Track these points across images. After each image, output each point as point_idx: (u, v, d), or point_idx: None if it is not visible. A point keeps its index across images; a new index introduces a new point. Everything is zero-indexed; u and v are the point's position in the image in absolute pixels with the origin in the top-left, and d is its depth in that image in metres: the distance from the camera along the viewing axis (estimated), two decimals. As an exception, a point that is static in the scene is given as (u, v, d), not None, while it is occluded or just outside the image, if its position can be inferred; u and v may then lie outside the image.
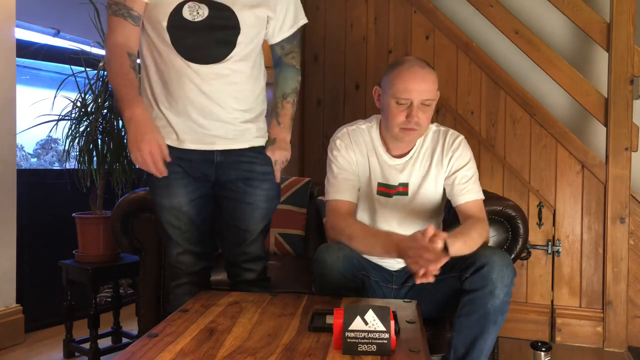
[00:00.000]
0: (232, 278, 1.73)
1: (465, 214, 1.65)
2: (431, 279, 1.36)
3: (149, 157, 1.41)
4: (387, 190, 1.71)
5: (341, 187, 1.68)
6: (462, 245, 1.46)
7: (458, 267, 1.52)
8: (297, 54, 1.70)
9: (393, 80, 1.57)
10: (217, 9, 1.48)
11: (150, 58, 1.54)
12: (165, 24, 1.47)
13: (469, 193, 1.65)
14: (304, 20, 1.67)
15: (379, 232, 1.62)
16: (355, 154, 1.71)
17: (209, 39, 1.49)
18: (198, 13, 1.47)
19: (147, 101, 1.56)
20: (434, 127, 1.73)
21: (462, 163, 1.67)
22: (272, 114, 1.67)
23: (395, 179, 1.70)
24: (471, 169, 1.68)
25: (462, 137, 1.72)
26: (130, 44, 1.49)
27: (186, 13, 1.47)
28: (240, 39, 1.51)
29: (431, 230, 1.39)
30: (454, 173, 1.67)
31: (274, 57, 1.71)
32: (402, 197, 1.70)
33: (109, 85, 2.38)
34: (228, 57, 1.51)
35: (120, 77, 1.46)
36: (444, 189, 1.72)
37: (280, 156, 1.64)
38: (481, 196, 1.67)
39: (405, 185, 1.70)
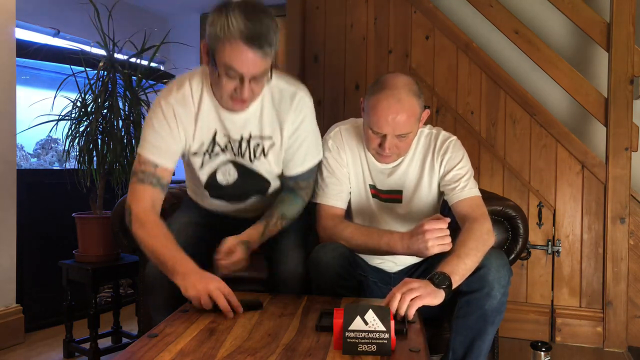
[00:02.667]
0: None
1: (460, 214, 1.60)
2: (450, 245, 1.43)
3: (217, 293, 1.29)
4: (377, 193, 1.69)
5: (330, 192, 1.67)
6: (462, 271, 1.38)
7: None
8: (311, 189, 1.67)
9: (369, 110, 1.52)
10: (245, 172, 1.61)
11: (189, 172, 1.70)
12: (203, 184, 1.64)
13: (461, 191, 1.61)
14: (317, 157, 1.65)
15: (380, 230, 1.61)
16: (347, 155, 1.68)
17: (244, 190, 1.65)
18: (230, 175, 1.60)
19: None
20: (426, 130, 1.70)
21: (454, 163, 1.63)
22: (262, 218, 1.60)
23: (384, 184, 1.68)
24: (463, 168, 1.63)
25: (453, 138, 1.67)
26: (157, 208, 1.52)
27: (219, 176, 1.62)
28: (271, 184, 1.67)
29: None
30: (446, 175, 1.64)
31: (286, 184, 1.67)
32: (396, 204, 1.68)
33: (109, 86, 2.39)
34: (265, 194, 1.69)
35: (159, 239, 1.43)
36: (440, 194, 1.70)
37: (236, 256, 1.48)
38: (476, 193, 1.62)
39: (399, 192, 1.68)
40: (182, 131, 1.52)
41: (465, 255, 1.41)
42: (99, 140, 2.37)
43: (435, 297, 1.30)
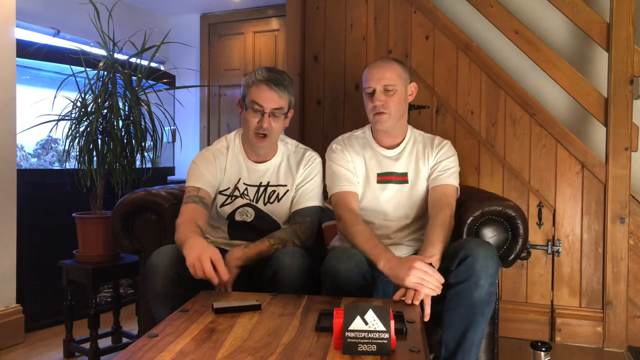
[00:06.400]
0: None
1: (431, 198, 1.82)
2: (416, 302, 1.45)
3: (206, 264, 1.47)
4: (386, 177, 1.89)
5: (342, 179, 1.85)
6: (438, 255, 1.60)
7: (446, 261, 1.58)
8: (305, 225, 1.82)
9: (362, 80, 1.87)
10: (260, 213, 1.86)
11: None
12: (225, 219, 1.88)
13: (440, 179, 1.83)
14: (316, 203, 1.86)
15: (378, 242, 1.66)
16: (351, 154, 1.91)
17: (258, 230, 1.83)
18: (248, 215, 1.86)
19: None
20: (424, 133, 1.98)
21: (445, 157, 1.88)
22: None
23: (392, 167, 1.89)
24: (452, 162, 1.87)
25: (449, 141, 1.95)
26: (198, 220, 1.72)
27: (237, 216, 1.86)
28: (281, 227, 1.87)
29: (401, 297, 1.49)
30: (435, 164, 1.87)
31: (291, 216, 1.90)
32: (402, 184, 1.88)
33: (109, 86, 2.39)
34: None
35: (185, 232, 1.63)
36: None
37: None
38: (452, 182, 1.84)
39: (405, 174, 1.89)
40: (218, 170, 1.87)
41: (437, 241, 1.63)
42: (99, 140, 2.37)
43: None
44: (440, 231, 1.66)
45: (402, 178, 1.88)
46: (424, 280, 1.45)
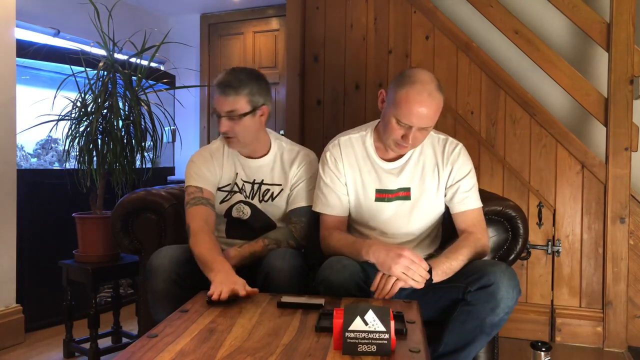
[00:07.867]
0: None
1: (461, 223, 1.69)
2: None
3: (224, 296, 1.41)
4: (386, 195, 1.72)
5: (327, 202, 1.75)
6: (446, 269, 1.53)
7: (464, 279, 1.52)
8: (301, 225, 1.82)
9: (399, 101, 1.55)
10: (256, 211, 1.87)
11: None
12: (223, 216, 1.88)
13: (467, 202, 1.69)
14: (308, 203, 1.83)
15: (356, 241, 1.64)
16: (345, 167, 1.75)
17: (254, 228, 1.86)
18: (244, 212, 1.87)
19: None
20: (432, 132, 1.74)
21: (464, 173, 1.70)
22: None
23: (394, 184, 1.72)
24: (472, 178, 1.72)
25: (461, 145, 1.74)
26: (210, 223, 1.75)
27: (234, 212, 1.87)
28: (277, 225, 1.89)
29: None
30: (455, 183, 1.70)
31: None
32: (404, 201, 1.72)
33: (109, 86, 2.39)
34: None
35: (205, 245, 1.63)
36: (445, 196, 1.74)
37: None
38: (479, 205, 1.70)
39: (407, 189, 1.72)
40: (217, 167, 1.87)
41: (453, 258, 1.55)
42: (99, 140, 2.37)
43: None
44: (464, 251, 1.57)
45: (404, 194, 1.71)
46: (410, 271, 1.45)
